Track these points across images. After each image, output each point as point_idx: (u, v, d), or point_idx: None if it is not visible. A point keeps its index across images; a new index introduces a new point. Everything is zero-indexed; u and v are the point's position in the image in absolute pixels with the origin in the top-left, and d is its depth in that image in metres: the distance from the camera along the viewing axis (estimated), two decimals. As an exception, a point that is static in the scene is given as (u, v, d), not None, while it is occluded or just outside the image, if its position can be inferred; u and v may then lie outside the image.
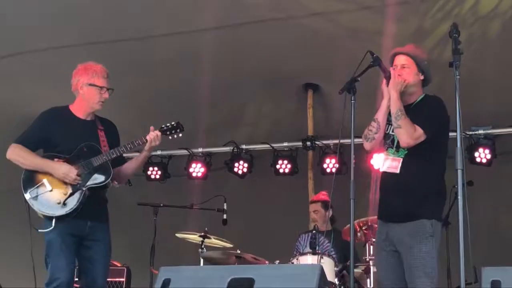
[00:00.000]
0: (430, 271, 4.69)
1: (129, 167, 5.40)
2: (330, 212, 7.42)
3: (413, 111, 4.84)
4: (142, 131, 5.45)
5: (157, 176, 9.62)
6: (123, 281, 7.64)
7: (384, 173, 4.94)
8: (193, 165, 9.46)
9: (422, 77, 4.92)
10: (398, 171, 4.83)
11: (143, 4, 7.39)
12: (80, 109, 5.27)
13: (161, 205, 7.19)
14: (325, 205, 7.40)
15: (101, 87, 5.21)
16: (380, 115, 4.92)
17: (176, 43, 7.84)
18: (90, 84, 5.21)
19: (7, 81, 8.33)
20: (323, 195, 7.53)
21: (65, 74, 8.01)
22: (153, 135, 5.22)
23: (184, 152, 9.56)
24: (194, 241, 7.01)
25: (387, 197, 4.95)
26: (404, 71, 4.88)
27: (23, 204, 5.12)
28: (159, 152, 9.62)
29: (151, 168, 9.59)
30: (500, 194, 9.16)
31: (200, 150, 9.52)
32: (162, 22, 7.54)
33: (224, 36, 7.75)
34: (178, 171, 9.56)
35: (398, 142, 4.84)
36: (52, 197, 5.04)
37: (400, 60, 4.92)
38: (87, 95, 5.22)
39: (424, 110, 4.85)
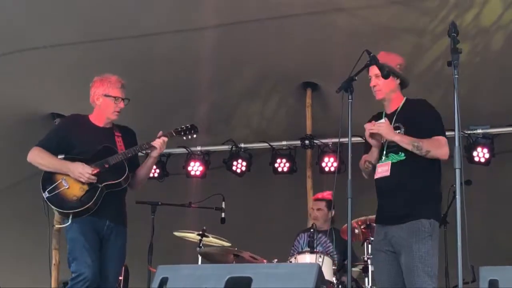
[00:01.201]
0: (430, 270, 4.70)
1: (140, 173, 5.54)
2: (333, 213, 7.41)
3: (398, 118, 4.93)
4: (140, 128, 5.49)
5: (156, 175, 9.60)
6: (120, 280, 7.64)
7: (377, 179, 4.99)
8: (192, 163, 9.45)
9: (398, 81, 4.99)
10: (388, 173, 4.89)
11: (143, 2, 7.39)
12: (98, 119, 5.44)
13: (159, 203, 7.18)
14: (330, 205, 7.37)
15: (116, 98, 5.36)
16: (373, 158, 5.02)
17: (175, 41, 7.84)
18: (105, 95, 5.38)
19: (7, 79, 8.33)
20: (328, 195, 7.47)
21: (64, 72, 8.07)
22: (160, 141, 5.36)
23: (183, 150, 9.55)
24: (192, 240, 7.01)
25: (383, 201, 4.99)
26: (379, 80, 4.94)
27: (23, 202, 5.18)
28: (157, 151, 9.61)
29: (149, 166, 9.58)
30: (498, 194, 9.17)
31: (199, 148, 9.50)
32: (162, 20, 7.54)
33: (223, 34, 7.75)
34: (177, 170, 9.55)
35: (386, 149, 4.93)
36: (69, 194, 5.19)
37: (373, 70, 4.97)
38: (103, 106, 5.40)
39: (421, 116, 4.92)
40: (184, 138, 5.60)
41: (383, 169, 4.94)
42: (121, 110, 5.41)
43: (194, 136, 5.62)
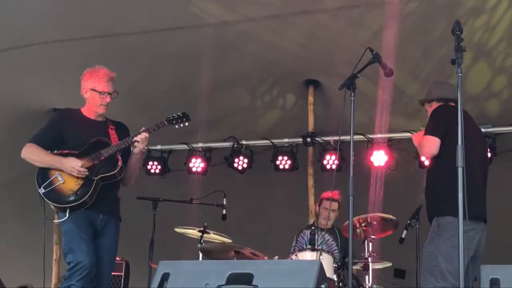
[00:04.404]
0: (433, 269, 4.73)
1: (127, 170, 5.50)
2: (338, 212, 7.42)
3: None
4: (142, 125, 5.47)
5: (157, 171, 9.62)
6: (121, 275, 7.65)
7: None
8: (193, 160, 9.46)
9: (433, 103, 5.34)
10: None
11: (145, -1, 7.40)
12: (89, 111, 5.46)
13: (161, 199, 7.20)
14: (339, 205, 7.38)
15: (101, 92, 5.36)
16: None
17: (176, 37, 7.84)
18: (92, 89, 5.39)
19: (8, 74, 8.33)
20: (337, 195, 7.40)
21: (67, 67, 8.06)
22: (141, 137, 5.34)
23: (184, 147, 9.56)
24: (193, 236, 7.01)
25: None
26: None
27: (24, 197, 5.18)
28: (159, 147, 9.62)
29: (150, 163, 9.60)
30: (500, 193, 9.14)
31: (200, 145, 9.51)
32: (163, 17, 7.53)
33: (225, 31, 7.74)
34: (178, 166, 9.56)
35: None
36: (64, 188, 5.21)
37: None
38: (91, 99, 5.42)
39: None
40: (176, 126, 5.56)
41: None
42: (108, 104, 5.40)
43: (186, 124, 5.58)
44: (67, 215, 5.15)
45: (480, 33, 7.17)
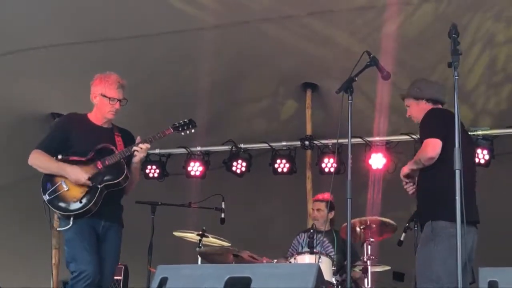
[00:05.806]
0: (429, 273, 4.73)
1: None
2: (332, 214, 7.40)
3: None
4: (139, 129, 5.49)
5: (155, 175, 9.61)
6: (120, 279, 7.64)
7: None
8: (192, 163, 9.46)
9: (424, 101, 5.23)
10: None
11: (143, 1, 7.39)
12: (97, 117, 5.44)
13: (159, 203, 7.19)
14: (329, 206, 7.37)
15: (111, 98, 5.34)
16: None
17: (175, 41, 7.85)
18: (102, 95, 5.37)
19: (7, 78, 8.33)
20: (328, 196, 7.45)
21: (66, 72, 8.08)
22: (142, 146, 5.33)
23: (183, 150, 9.55)
24: (191, 240, 7.02)
25: None
26: (409, 110, 5.31)
27: (23, 202, 5.18)
28: (157, 151, 9.62)
29: (149, 166, 9.59)
30: (498, 195, 9.16)
31: (199, 149, 9.51)
32: (162, 19, 7.54)
33: (223, 35, 7.75)
34: (177, 170, 9.56)
35: None
36: (69, 195, 5.18)
37: (405, 102, 5.36)
38: (100, 105, 5.40)
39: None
40: (182, 133, 5.54)
41: None
42: (117, 110, 5.39)
43: (193, 131, 5.55)
44: (71, 223, 5.12)
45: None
